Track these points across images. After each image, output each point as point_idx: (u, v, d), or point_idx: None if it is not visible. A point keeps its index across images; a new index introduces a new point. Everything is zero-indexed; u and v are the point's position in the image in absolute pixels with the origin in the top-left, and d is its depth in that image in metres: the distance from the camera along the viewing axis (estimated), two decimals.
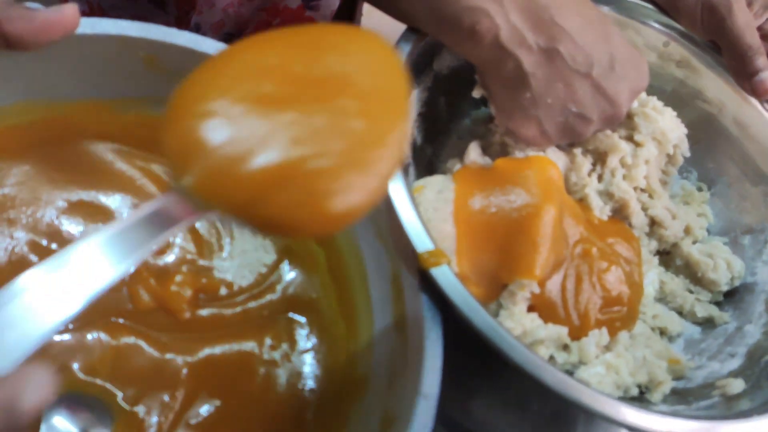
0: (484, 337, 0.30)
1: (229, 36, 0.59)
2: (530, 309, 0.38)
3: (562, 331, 0.37)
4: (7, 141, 0.34)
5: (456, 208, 0.40)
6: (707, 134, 0.47)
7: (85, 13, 0.62)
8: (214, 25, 0.57)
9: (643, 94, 0.43)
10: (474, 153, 0.43)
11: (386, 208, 0.34)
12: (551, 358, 0.38)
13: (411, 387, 0.30)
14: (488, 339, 0.30)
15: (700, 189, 0.48)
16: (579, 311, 0.37)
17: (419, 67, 0.41)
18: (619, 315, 0.38)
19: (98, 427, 0.32)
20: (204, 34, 0.58)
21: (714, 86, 0.47)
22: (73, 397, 0.32)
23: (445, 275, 0.32)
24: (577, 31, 0.37)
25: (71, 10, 0.30)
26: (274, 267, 0.39)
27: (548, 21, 0.36)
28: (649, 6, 0.46)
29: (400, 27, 0.41)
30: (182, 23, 0.59)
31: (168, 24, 0.60)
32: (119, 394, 0.33)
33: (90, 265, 0.21)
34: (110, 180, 0.37)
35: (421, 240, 0.33)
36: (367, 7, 0.56)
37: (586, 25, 0.37)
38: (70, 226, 0.36)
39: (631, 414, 0.31)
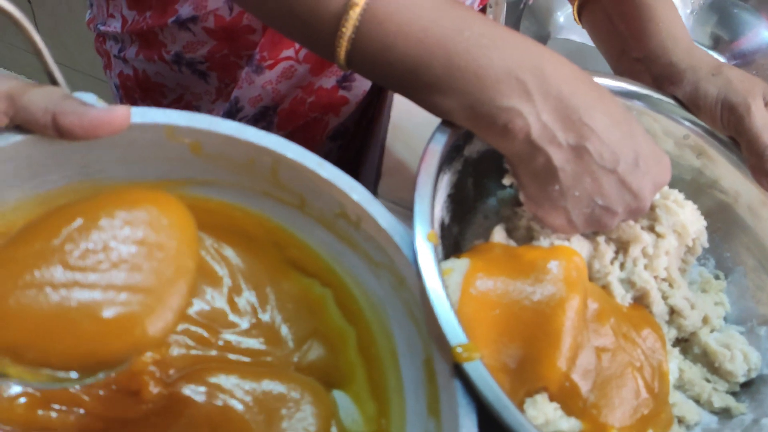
0: None
1: (265, 109, 0.61)
2: (553, 398, 0.39)
3: (583, 427, 0.37)
4: None
5: (470, 283, 0.41)
6: (724, 223, 0.49)
7: (129, 78, 0.65)
8: (252, 99, 0.60)
9: (666, 187, 0.44)
10: (499, 236, 0.45)
11: (419, 292, 0.35)
12: None
13: None
14: None
15: (717, 277, 0.49)
16: (602, 408, 0.38)
17: (451, 154, 0.43)
18: (648, 412, 0.39)
19: None
20: (242, 107, 0.61)
21: (730, 176, 0.49)
22: None
23: (476, 369, 0.33)
24: (604, 129, 0.38)
25: (123, 111, 0.32)
26: (302, 341, 0.40)
27: (577, 121, 0.38)
28: (672, 101, 0.48)
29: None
30: (222, 94, 0.62)
31: (208, 93, 0.63)
32: None
33: None
34: None
35: (454, 333, 0.33)
36: None
37: (613, 125, 0.39)
38: None
39: None
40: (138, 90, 0.66)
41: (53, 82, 0.34)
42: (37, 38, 0.32)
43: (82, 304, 0.27)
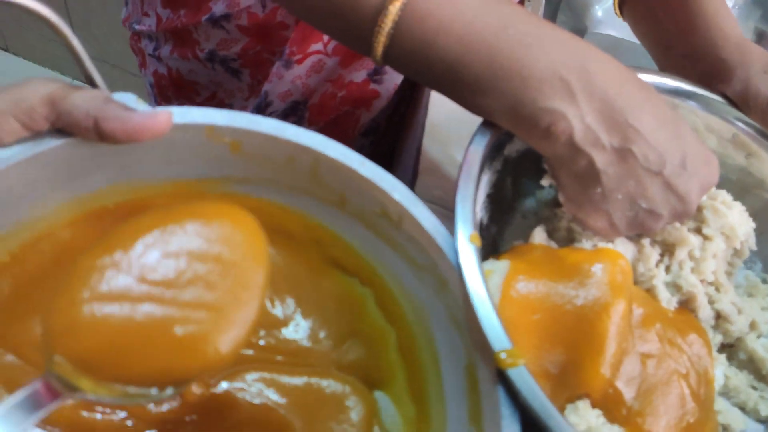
0: None
1: (296, 103, 0.61)
2: (595, 404, 0.38)
3: None
4: (98, 223, 0.36)
5: (511, 286, 0.40)
6: None
7: (164, 77, 0.65)
8: (281, 93, 0.59)
9: (713, 188, 0.43)
10: (539, 237, 0.44)
11: (462, 295, 0.34)
12: None
13: None
14: None
15: (764, 281, 0.47)
16: (647, 416, 0.37)
17: (492, 154, 0.42)
18: (694, 420, 0.38)
19: None
20: (271, 101, 0.60)
21: None
22: None
23: (521, 375, 0.32)
24: (651, 131, 0.37)
25: (165, 116, 0.32)
26: (342, 340, 0.39)
27: (623, 123, 0.37)
28: (721, 99, 0.47)
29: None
30: (254, 91, 0.61)
31: (240, 90, 0.63)
32: None
33: None
34: None
35: (498, 338, 0.33)
36: None
37: (660, 126, 0.37)
38: None
39: None
40: (172, 88, 0.67)
41: (92, 84, 0.34)
42: (76, 42, 0.32)
43: (156, 320, 0.27)
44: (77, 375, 0.27)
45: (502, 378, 0.32)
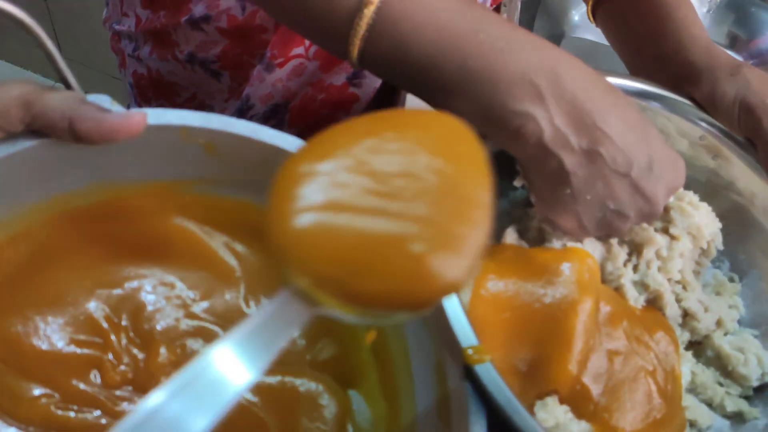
0: None
1: (276, 106, 0.61)
2: (563, 400, 0.39)
3: (594, 430, 0.37)
4: (73, 223, 0.36)
5: (481, 285, 0.41)
6: (739, 225, 0.48)
7: (143, 78, 0.65)
8: (262, 96, 0.60)
9: (681, 189, 0.44)
10: (510, 237, 0.45)
11: None
12: None
13: None
14: None
15: (731, 279, 0.48)
16: (614, 412, 0.38)
17: None
18: (661, 416, 0.39)
19: None
20: (252, 104, 0.61)
21: (746, 178, 0.49)
22: None
23: (487, 371, 0.33)
24: (619, 134, 0.38)
25: (139, 117, 0.32)
26: (315, 339, 0.40)
27: (591, 125, 0.37)
28: (688, 102, 0.48)
29: None
30: (234, 93, 0.62)
31: (220, 92, 0.63)
32: None
33: (226, 370, 0.22)
34: (173, 254, 0.39)
35: (465, 334, 0.33)
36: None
37: (628, 129, 0.38)
38: (140, 301, 0.38)
39: None
40: (152, 89, 0.67)
41: (67, 85, 0.35)
42: (49, 43, 0.32)
43: (390, 235, 0.23)
44: (313, 290, 0.23)
45: (470, 375, 0.33)
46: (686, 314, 0.44)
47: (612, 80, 0.46)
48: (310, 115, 0.64)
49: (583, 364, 0.38)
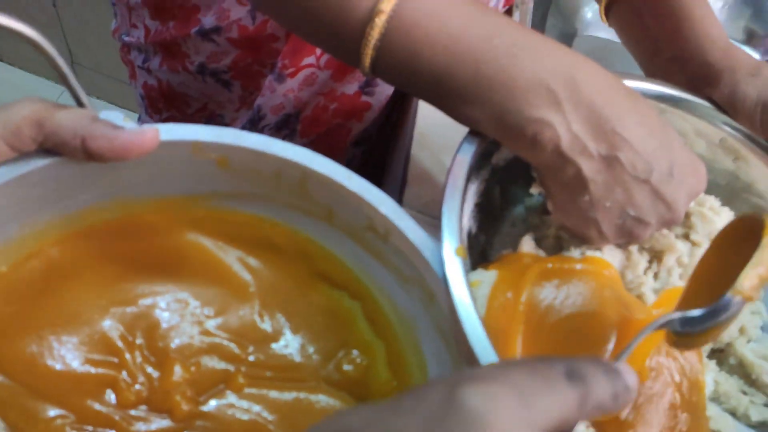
0: None
1: (287, 116, 0.61)
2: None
3: None
4: (87, 241, 0.36)
5: (497, 296, 0.40)
6: None
7: (153, 89, 0.65)
8: (274, 107, 0.59)
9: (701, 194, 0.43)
10: (527, 246, 0.44)
11: (448, 309, 0.34)
12: None
13: None
14: None
15: None
16: (638, 428, 0.37)
17: (479, 162, 0.42)
18: (686, 429, 0.38)
19: None
20: (264, 115, 0.61)
21: (766, 180, 0.48)
22: None
23: None
24: (638, 139, 0.37)
25: (152, 133, 0.32)
26: (331, 355, 0.39)
27: (610, 131, 0.37)
28: (708, 104, 0.47)
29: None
30: (245, 103, 0.62)
31: (231, 102, 0.63)
32: None
33: None
34: (187, 270, 0.38)
35: (485, 353, 0.33)
36: None
37: (647, 134, 0.38)
38: (154, 319, 0.37)
39: None
40: (162, 100, 0.67)
41: (79, 103, 0.35)
42: (61, 62, 0.32)
43: None
44: None
45: None
46: None
47: (630, 83, 0.45)
48: (322, 125, 0.64)
49: None
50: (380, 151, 0.73)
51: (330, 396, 0.37)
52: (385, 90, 0.62)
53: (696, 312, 0.31)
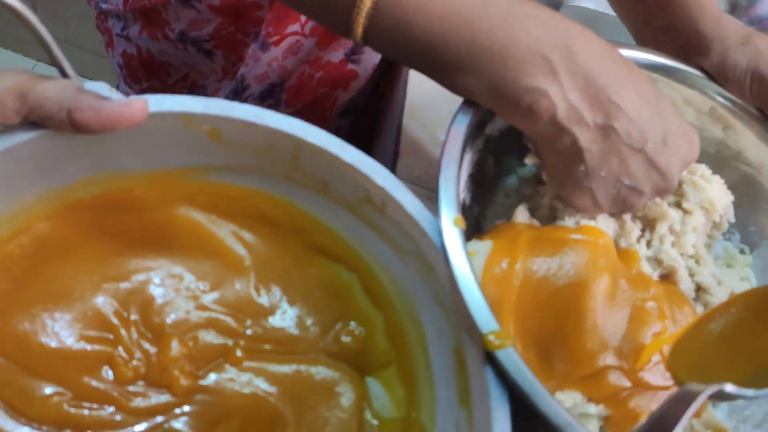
0: (553, 423, 0.31)
1: (272, 86, 0.60)
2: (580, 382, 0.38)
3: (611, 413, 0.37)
4: (76, 216, 0.35)
5: (493, 266, 0.40)
6: (749, 197, 0.48)
7: (133, 58, 0.63)
8: (258, 76, 0.58)
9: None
10: (521, 216, 0.44)
11: (447, 279, 0.34)
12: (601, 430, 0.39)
13: None
14: (557, 427, 0.31)
15: (742, 252, 0.48)
16: (633, 394, 0.37)
17: (473, 133, 0.41)
18: None
19: None
20: (248, 84, 0.59)
21: (754, 148, 0.48)
22: None
23: (509, 357, 0.32)
24: (633, 108, 0.37)
25: (140, 104, 0.31)
26: (329, 327, 0.39)
27: (605, 100, 0.36)
28: (698, 73, 0.47)
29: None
30: (228, 73, 0.60)
31: (214, 72, 0.62)
32: None
33: None
34: (180, 245, 0.38)
35: (486, 320, 0.33)
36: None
37: (642, 103, 0.38)
38: (148, 294, 0.37)
39: None
40: (142, 69, 0.65)
41: (62, 73, 0.33)
42: (43, 30, 0.31)
43: None
44: None
45: (490, 359, 0.33)
46: (699, 288, 0.44)
47: (622, 52, 0.45)
48: (307, 94, 0.62)
49: (602, 344, 0.38)
50: (368, 123, 0.73)
51: (329, 367, 0.37)
52: (371, 58, 0.61)
53: (750, 392, 0.30)
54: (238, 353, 0.36)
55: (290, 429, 0.35)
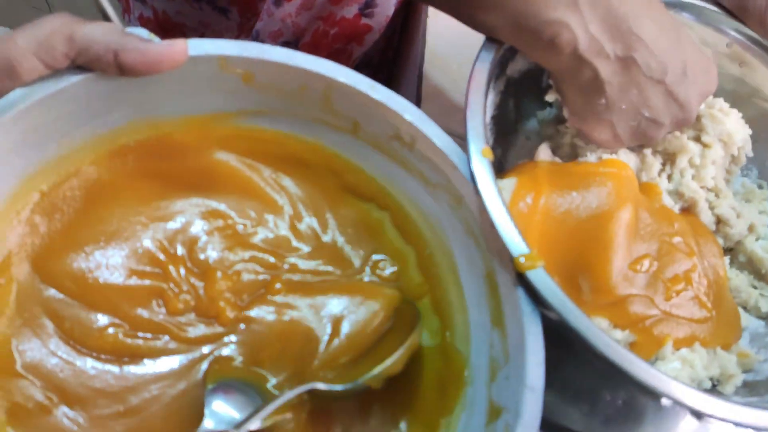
0: (583, 338, 0.32)
1: (286, 44, 0.61)
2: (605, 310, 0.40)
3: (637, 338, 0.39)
4: (122, 160, 0.37)
5: (518, 201, 0.41)
6: (767, 132, 0.49)
7: (150, 21, 0.64)
8: (272, 33, 0.59)
9: (710, 96, 0.44)
10: (544, 154, 0.45)
11: (477, 208, 0.36)
12: None
13: (516, 380, 0.32)
14: (587, 340, 0.32)
15: (760, 186, 0.49)
16: (659, 321, 0.39)
17: (496, 72, 0.42)
18: (704, 326, 0.40)
19: (251, 408, 0.34)
20: (263, 41, 0.60)
21: None
22: (229, 383, 0.35)
23: (540, 277, 0.34)
24: (653, 39, 0.38)
25: (181, 45, 0.33)
26: (364, 263, 0.41)
27: (626, 31, 0.37)
28: (715, 9, 0.47)
29: (463, 28, 0.42)
30: (243, 30, 0.61)
31: (229, 29, 0.62)
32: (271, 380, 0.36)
33: None
34: (219, 187, 0.39)
35: (516, 244, 0.34)
36: (432, 10, 0.57)
37: (661, 33, 0.38)
38: (193, 233, 0.39)
39: (711, 404, 0.33)
40: (159, 32, 0.66)
41: (105, 17, 0.35)
42: None
43: None
44: None
45: (522, 281, 0.34)
46: (719, 221, 0.45)
47: None
48: (322, 51, 0.63)
49: (625, 273, 0.39)
50: (383, 77, 0.73)
51: (367, 297, 0.38)
52: (384, 11, 0.62)
53: (339, 387, 0.35)
54: (278, 286, 0.38)
55: (322, 345, 0.37)
